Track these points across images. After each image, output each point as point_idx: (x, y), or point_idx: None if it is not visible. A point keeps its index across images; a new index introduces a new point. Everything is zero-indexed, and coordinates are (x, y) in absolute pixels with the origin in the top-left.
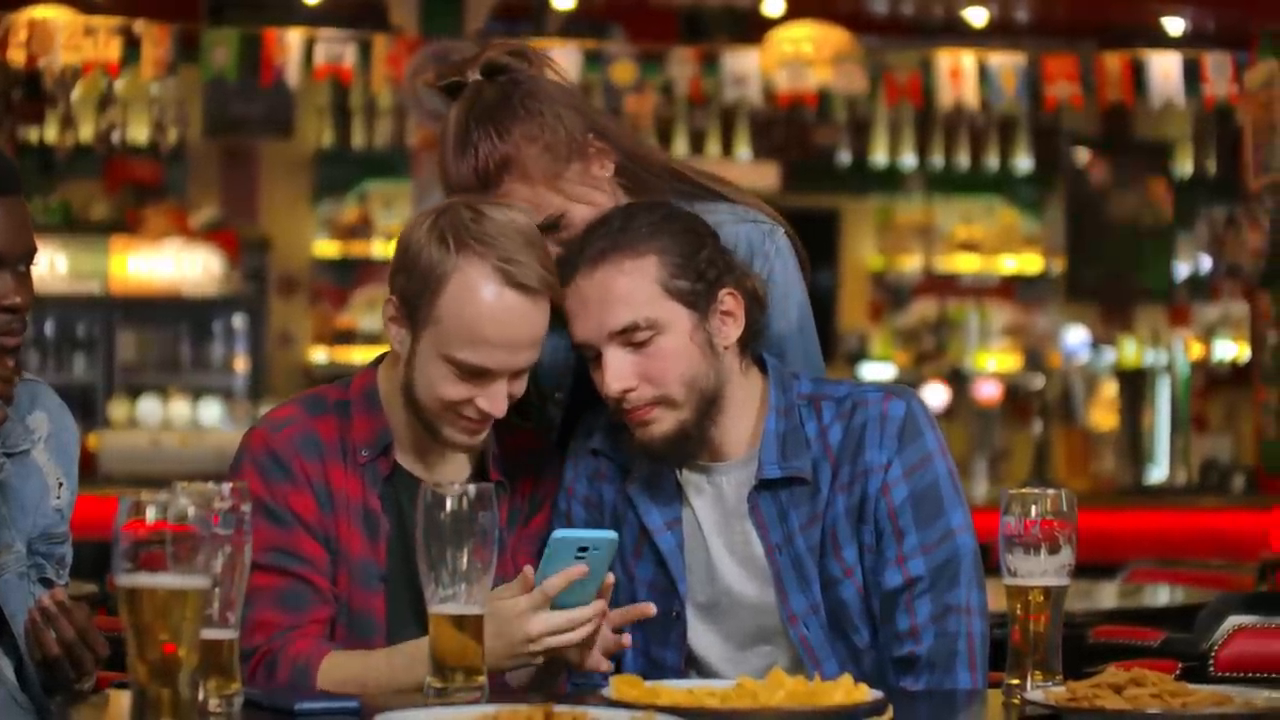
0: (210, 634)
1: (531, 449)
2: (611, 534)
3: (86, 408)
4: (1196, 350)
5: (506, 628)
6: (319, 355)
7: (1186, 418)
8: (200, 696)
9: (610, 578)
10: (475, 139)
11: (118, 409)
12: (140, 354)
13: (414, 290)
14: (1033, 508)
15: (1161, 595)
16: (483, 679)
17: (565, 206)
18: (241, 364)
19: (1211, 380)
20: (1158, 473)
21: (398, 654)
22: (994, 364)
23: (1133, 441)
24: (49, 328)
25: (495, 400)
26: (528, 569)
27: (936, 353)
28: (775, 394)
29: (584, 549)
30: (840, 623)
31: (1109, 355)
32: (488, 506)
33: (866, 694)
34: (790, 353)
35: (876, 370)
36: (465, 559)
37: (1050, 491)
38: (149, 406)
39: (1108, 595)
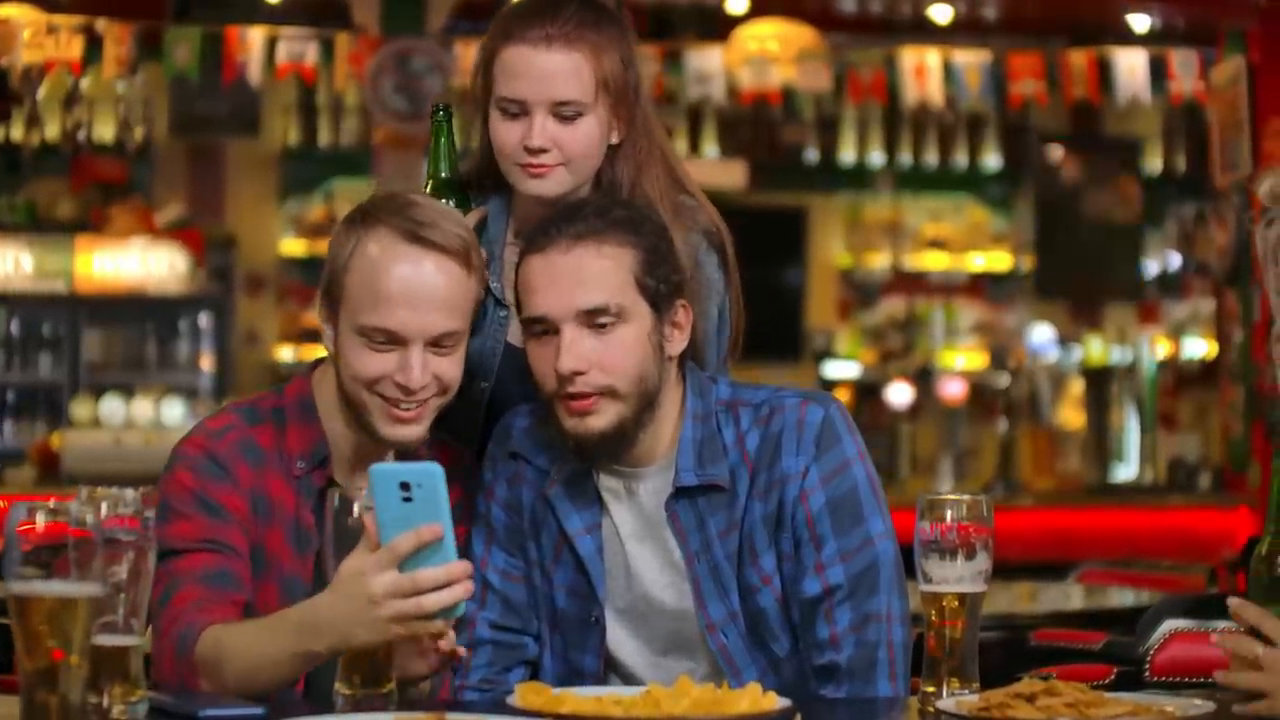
0: (114, 640)
1: (466, 465)
2: (434, 465)
3: (52, 407)
4: (1166, 348)
5: (349, 586)
6: (285, 354)
7: (1154, 416)
8: (104, 703)
9: (442, 529)
10: (570, 9)
11: (81, 408)
12: (105, 353)
13: (330, 278)
14: (949, 513)
15: (1109, 597)
16: (391, 686)
17: (587, 120)
18: (207, 363)
19: (1180, 378)
20: (1126, 471)
21: (269, 621)
22: (962, 362)
23: (1099, 440)
24: (14, 326)
25: (409, 371)
26: (367, 518)
27: (904, 351)
28: (693, 400)
29: (406, 484)
30: (759, 631)
31: (1076, 353)
32: None
33: (773, 702)
34: (706, 352)
35: (843, 368)
36: None
37: (967, 497)
38: (112, 406)
39: (1052, 597)
